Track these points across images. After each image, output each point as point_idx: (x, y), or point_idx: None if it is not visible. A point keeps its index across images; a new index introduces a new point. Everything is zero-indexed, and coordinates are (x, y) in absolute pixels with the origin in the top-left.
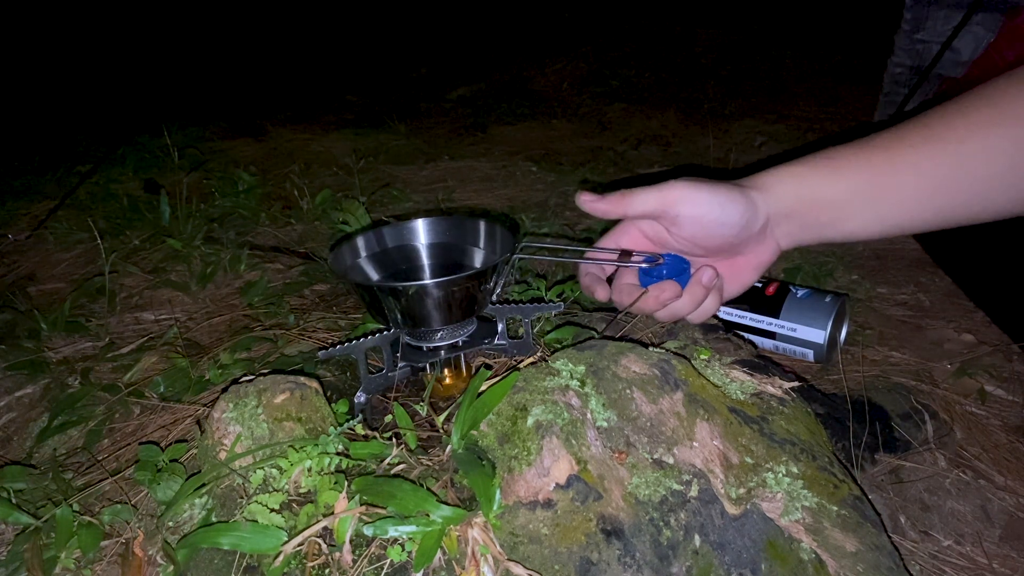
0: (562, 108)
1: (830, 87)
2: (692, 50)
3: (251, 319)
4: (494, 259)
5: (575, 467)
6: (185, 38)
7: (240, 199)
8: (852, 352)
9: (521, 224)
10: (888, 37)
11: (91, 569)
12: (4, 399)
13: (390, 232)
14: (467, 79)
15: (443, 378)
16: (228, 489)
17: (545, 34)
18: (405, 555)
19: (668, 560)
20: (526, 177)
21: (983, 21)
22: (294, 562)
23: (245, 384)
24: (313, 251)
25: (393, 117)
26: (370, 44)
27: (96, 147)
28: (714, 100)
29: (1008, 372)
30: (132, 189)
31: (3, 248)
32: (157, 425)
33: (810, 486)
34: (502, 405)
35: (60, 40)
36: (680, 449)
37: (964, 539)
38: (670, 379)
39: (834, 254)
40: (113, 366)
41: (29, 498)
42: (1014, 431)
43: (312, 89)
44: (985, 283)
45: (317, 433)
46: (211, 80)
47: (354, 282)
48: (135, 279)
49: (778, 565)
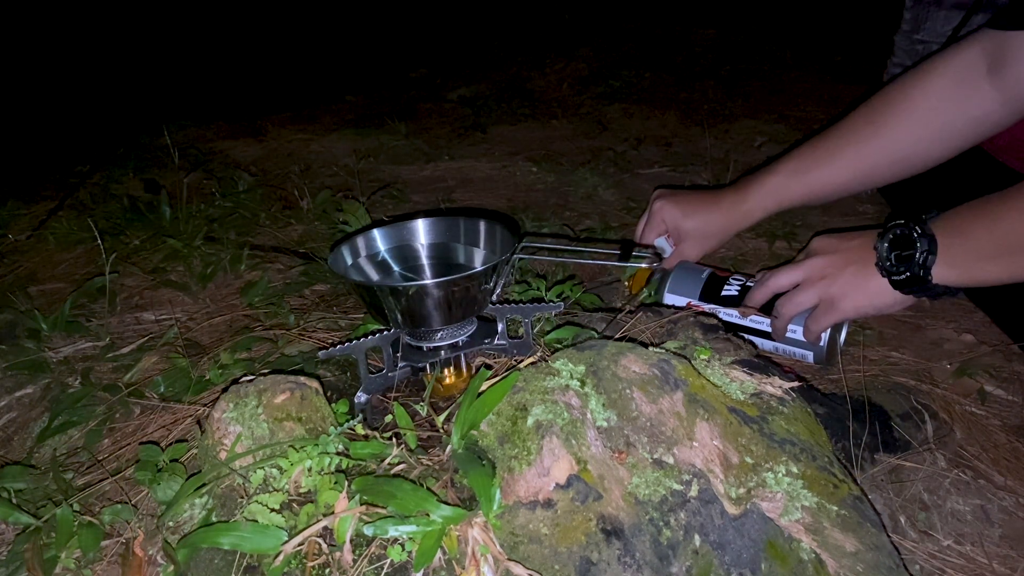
0: (562, 108)
1: (830, 87)
2: (692, 50)
3: (251, 319)
4: (494, 259)
5: (575, 467)
6: (185, 38)
7: (240, 199)
8: (852, 352)
9: (521, 224)
10: (888, 37)
11: (91, 569)
12: (4, 399)
13: (390, 232)
14: (467, 79)
15: (443, 378)
16: (228, 489)
17: (545, 34)
18: (405, 555)
19: (668, 560)
20: (526, 177)
21: (982, 21)
22: (294, 562)
23: (245, 384)
24: (313, 251)
25: (393, 117)
26: (370, 44)
27: (96, 147)
28: (714, 100)
29: (1008, 372)
30: (132, 189)
31: (3, 248)
32: (157, 425)
33: (810, 486)
34: (502, 405)
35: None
36: (680, 449)
37: (964, 539)
38: (670, 379)
39: None
40: (113, 366)
41: (29, 498)
42: (1014, 431)
43: (312, 89)
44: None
45: (317, 433)
46: (211, 80)
47: (354, 282)
48: (135, 279)
49: (778, 565)
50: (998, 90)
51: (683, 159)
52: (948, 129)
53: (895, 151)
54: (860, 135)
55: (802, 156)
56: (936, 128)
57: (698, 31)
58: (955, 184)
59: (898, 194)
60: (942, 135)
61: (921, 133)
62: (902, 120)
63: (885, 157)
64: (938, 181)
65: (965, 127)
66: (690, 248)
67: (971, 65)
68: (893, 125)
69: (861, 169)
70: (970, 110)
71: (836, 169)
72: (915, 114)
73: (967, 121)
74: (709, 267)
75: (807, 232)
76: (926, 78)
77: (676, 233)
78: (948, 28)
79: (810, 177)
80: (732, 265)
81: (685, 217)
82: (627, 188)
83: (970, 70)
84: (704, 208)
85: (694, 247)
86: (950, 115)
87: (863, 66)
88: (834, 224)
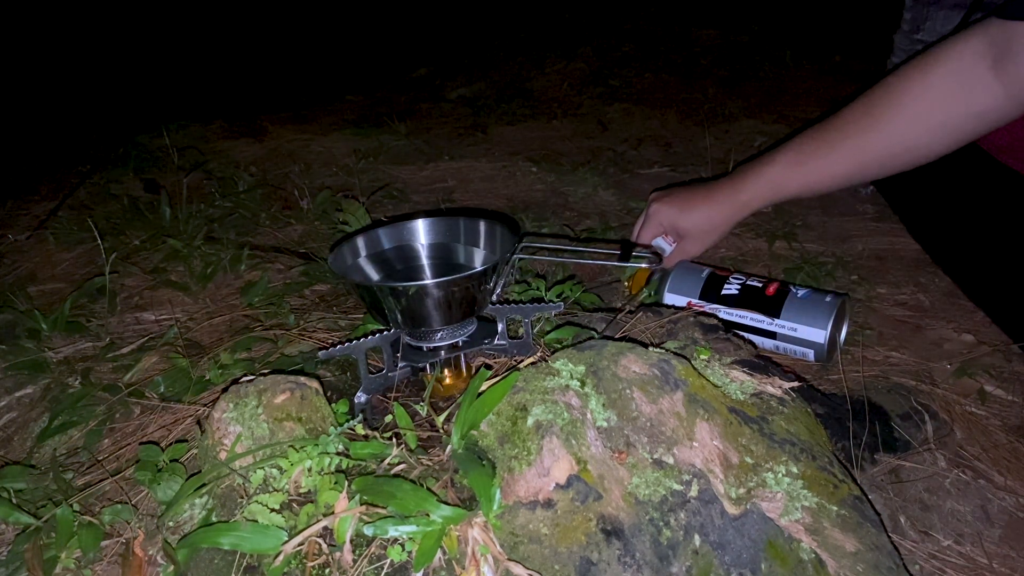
0: (562, 108)
1: (830, 87)
2: (692, 50)
3: (251, 319)
4: (494, 259)
5: (575, 467)
6: (184, 37)
7: (240, 199)
8: (852, 352)
9: (521, 224)
10: (888, 37)
11: (91, 569)
12: (4, 399)
13: (390, 232)
14: (467, 79)
15: (443, 378)
16: (228, 489)
17: (545, 34)
18: (405, 555)
19: (668, 560)
20: (526, 177)
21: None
22: (294, 562)
23: (245, 384)
24: (313, 251)
25: (393, 117)
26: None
27: (96, 147)
28: (714, 100)
29: (1008, 372)
30: (132, 189)
31: (3, 248)
32: (157, 425)
33: (810, 486)
34: (502, 405)
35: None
36: (680, 449)
37: (964, 539)
38: (670, 379)
39: (834, 254)
40: (113, 366)
41: (29, 498)
42: (1014, 431)
43: (312, 89)
44: (985, 283)
45: (317, 433)
46: (211, 80)
47: (354, 282)
48: (135, 279)
49: (778, 565)
50: (1003, 84)
51: (683, 159)
52: (949, 123)
53: (894, 144)
54: (859, 126)
55: (800, 147)
56: (937, 121)
57: (698, 31)
58: (953, 184)
59: (897, 190)
60: (943, 129)
61: (921, 126)
62: (902, 112)
63: (884, 149)
64: (936, 180)
65: (967, 121)
66: (691, 245)
67: (975, 56)
68: (892, 117)
69: (860, 161)
70: (973, 104)
71: (834, 161)
72: (915, 106)
73: (969, 115)
74: (709, 266)
75: (807, 232)
76: (928, 69)
77: (675, 232)
78: (948, 28)
79: (807, 168)
80: (732, 265)
81: (682, 215)
82: (627, 188)
83: (974, 62)
84: (700, 204)
85: (695, 244)
86: (952, 108)
87: (863, 66)
88: (833, 224)
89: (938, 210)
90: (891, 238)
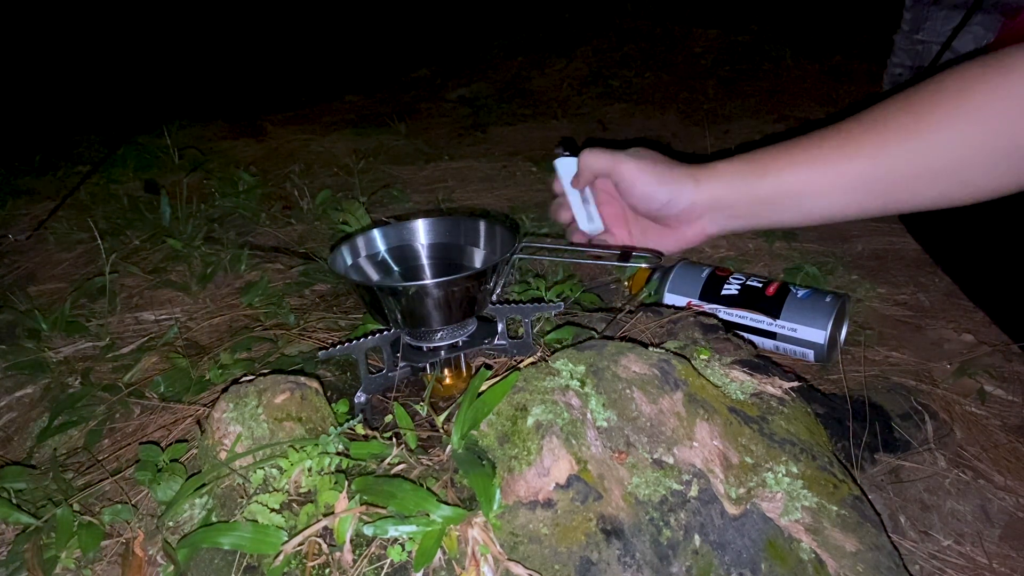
0: (562, 108)
1: (830, 87)
2: (692, 50)
3: (251, 319)
4: (494, 259)
5: (575, 467)
6: (184, 37)
7: (240, 199)
8: (852, 352)
9: (521, 224)
10: (888, 37)
11: (91, 569)
12: (4, 399)
13: (390, 232)
14: (467, 79)
15: (443, 378)
16: (228, 489)
17: (545, 34)
18: (405, 555)
19: (668, 560)
20: (526, 177)
21: (982, 21)
22: (294, 562)
23: (245, 384)
24: (313, 251)
25: (393, 117)
26: (370, 44)
27: (96, 147)
28: (714, 100)
29: (1008, 372)
30: (132, 189)
31: (3, 248)
32: (157, 425)
33: (810, 486)
34: (502, 405)
35: (60, 40)
36: (680, 449)
37: (964, 539)
38: (670, 379)
39: (834, 254)
40: (113, 366)
41: (29, 498)
42: (1014, 431)
43: (312, 89)
44: (985, 283)
45: (317, 433)
46: (211, 80)
47: (354, 282)
48: (135, 279)
49: (778, 565)
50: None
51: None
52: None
53: (932, 159)
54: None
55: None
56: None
57: (698, 31)
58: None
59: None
60: (1008, 153)
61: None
62: (954, 119)
63: (913, 165)
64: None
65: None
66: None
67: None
68: (939, 122)
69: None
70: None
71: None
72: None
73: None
74: (709, 266)
75: (807, 232)
76: (1002, 72)
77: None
78: (948, 28)
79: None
80: (732, 265)
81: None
82: None
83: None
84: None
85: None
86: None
87: (863, 66)
88: (833, 224)
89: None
90: (891, 238)
